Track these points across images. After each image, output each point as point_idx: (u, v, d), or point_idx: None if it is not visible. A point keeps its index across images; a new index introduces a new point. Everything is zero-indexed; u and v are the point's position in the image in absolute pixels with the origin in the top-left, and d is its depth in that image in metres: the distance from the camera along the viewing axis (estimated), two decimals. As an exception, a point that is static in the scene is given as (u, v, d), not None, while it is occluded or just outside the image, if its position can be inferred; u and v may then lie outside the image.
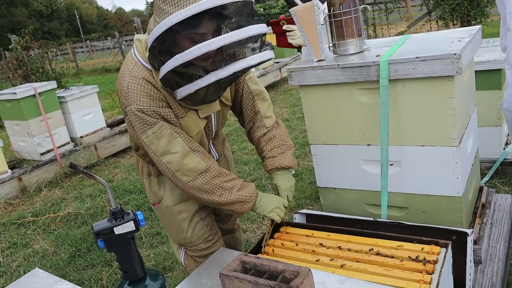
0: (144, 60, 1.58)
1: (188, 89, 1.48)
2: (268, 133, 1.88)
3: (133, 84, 1.56)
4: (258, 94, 1.89)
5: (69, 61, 15.73)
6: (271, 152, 1.86)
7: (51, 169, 5.25)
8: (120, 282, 1.11)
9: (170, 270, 3.03)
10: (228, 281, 1.30)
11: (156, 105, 1.57)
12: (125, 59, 1.69)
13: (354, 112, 1.84)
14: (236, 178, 1.72)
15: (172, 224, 1.93)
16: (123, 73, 1.61)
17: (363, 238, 1.62)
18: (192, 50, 1.37)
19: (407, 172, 1.81)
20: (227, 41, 1.38)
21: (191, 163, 1.62)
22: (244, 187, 1.72)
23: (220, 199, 1.67)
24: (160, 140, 1.59)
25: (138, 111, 1.56)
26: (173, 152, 1.60)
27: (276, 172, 1.86)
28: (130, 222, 1.03)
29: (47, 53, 9.96)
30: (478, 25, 2.08)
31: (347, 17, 1.85)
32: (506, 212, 2.18)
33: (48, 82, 5.55)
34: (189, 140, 1.64)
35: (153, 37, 1.41)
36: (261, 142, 1.89)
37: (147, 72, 1.57)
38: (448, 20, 8.51)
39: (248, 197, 1.71)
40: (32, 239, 3.90)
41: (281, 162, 1.84)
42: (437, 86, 1.64)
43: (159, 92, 1.58)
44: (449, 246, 1.48)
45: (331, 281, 1.30)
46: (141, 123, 1.58)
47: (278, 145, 1.87)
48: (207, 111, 1.72)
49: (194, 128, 1.70)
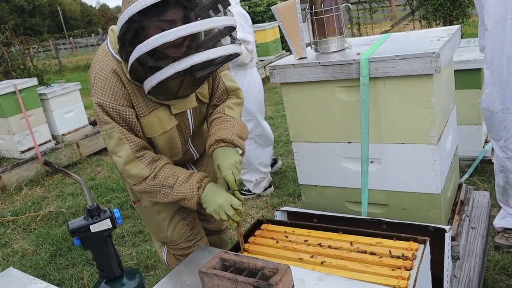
0: (115, 52, 1.54)
1: (150, 82, 1.42)
2: (223, 117, 1.73)
3: (99, 76, 1.53)
4: (234, 90, 1.82)
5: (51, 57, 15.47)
6: (218, 130, 1.67)
7: (32, 167, 5.17)
8: (97, 281, 1.10)
9: (153, 269, 3.01)
10: (207, 278, 1.29)
11: (117, 102, 1.53)
12: (100, 47, 1.65)
13: (335, 110, 1.85)
14: (181, 172, 1.61)
15: (152, 223, 1.91)
16: (94, 63, 1.58)
17: (344, 235, 1.63)
18: (150, 41, 1.32)
19: (387, 170, 1.83)
20: (187, 32, 1.31)
21: (134, 170, 1.58)
22: (187, 180, 1.59)
23: (164, 199, 1.62)
24: (110, 140, 1.58)
25: (97, 105, 1.54)
26: (119, 156, 1.58)
27: (217, 150, 1.63)
28: (106, 220, 1.01)
29: (29, 49, 9.80)
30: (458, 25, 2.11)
31: (329, 15, 1.86)
32: (484, 208, 2.22)
33: (29, 79, 5.47)
34: (137, 147, 1.58)
35: (118, 27, 1.38)
36: (212, 124, 1.73)
37: (117, 64, 1.54)
38: (431, 20, 8.62)
39: (188, 193, 1.58)
40: (12, 238, 3.84)
41: (222, 134, 1.64)
42: (416, 84, 1.66)
43: (124, 89, 1.54)
44: (427, 243, 1.50)
45: (310, 278, 1.31)
46: (98, 117, 1.57)
47: (224, 126, 1.69)
48: (180, 107, 1.66)
49: (158, 127, 1.63)
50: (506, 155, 2.40)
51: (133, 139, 1.58)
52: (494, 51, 2.25)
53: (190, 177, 1.60)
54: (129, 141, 1.57)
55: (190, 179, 1.60)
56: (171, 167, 1.63)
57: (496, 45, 2.23)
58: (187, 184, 1.58)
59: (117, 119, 1.56)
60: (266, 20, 10.60)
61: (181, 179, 1.59)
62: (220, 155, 1.62)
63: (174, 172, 1.61)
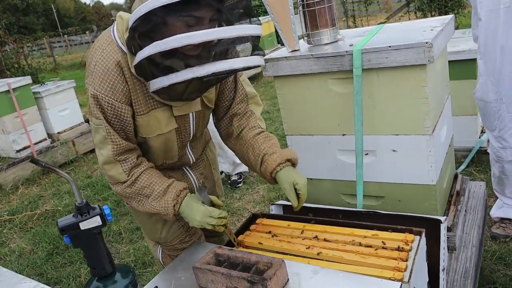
0: (122, 42, 1.42)
1: (161, 82, 1.31)
2: (264, 133, 1.68)
3: (100, 66, 1.41)
4: (253, 97, 1.74)
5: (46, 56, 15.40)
6: (272, 148, 1.62)
7: (28, 166, 5.15)
8: (89, 279, 1.09)
9: (150, 265, 3.01)
10: (201, 274, 1.29)
11: (114, 97, 1.43)
12: (102, 33, 1.52)
13: (328, 102, 1.84)
14: (159, 183, 1.53)
15: (146, 224, 1.84)
16: (96, 49, 1.45)
17: (339, 228, 1.62)
18: (172, 40, 1.21)
19: (382, 161, 1.82)
20: (212, 37, 1.23)
21: (112, 171, 1.51)
22: (163, 196, 1.52)
23: (139, 206, 1.55)
24: (96, 134, 1.50)
25: (92, 96, 1.43)
26: (101, 153, 1.51)
27: (286, 169, 1.58)
28: (96, 217, 1.00)
29: (23, 48, 9.74)
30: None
31: (320, 6, 1.84)
32: (480, 199, 2.21)
33: (23, 77, 5.44)
34: (120, 150, 1.49)
35: (135, 17, 1.26)
36: (256, 141, 1.65)
37: (121, 55, 1.42)
38: (426, 11, 8.60)
39: (163, 210, 1.52)
40: (9, 238, 3.82)
41: (289, 154, 1.60)
42: (410, 75, 1.64)
43: (125, 84, 1.43)
44: (423, 234, 1.49)
45: (305, 272, 1.30)
46: (89, 108, 1.47)
47: (276, 143, 1.66)
48: (183, 110, 1.55)
49: (156, 128, 1.53)
50: (501, 145, 2.39)
51: (118, 142, 1.49)
52: (487, 41, 2.24)
53: (166, 192, 1.53)
54: (113, 143, 1.48)
55: (165, 194, 1.52)
56: (149, 176, 1.54)
57: (489, 35, 2.22)
58: (162, 201, 1.52)
59: (109, 115, 1.46)
60: (261, 14, 10.54)
61: (157, 192, 1.52)
62: (293, 173, 1.58)
63: (151, 183, 1.53)
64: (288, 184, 1.56)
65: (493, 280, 2.29)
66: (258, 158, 1.62)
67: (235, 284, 1.22)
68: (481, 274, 2.21)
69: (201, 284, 1.30)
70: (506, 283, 2.26)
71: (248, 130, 1.68)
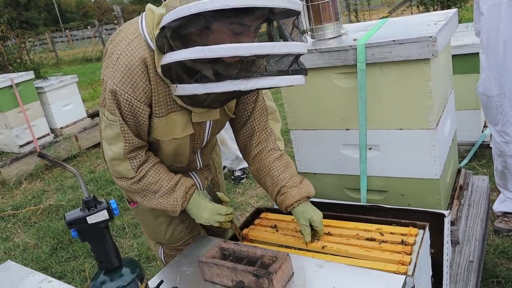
0: (150, 38, 1.32)
1: (195, 89, 1.23)
2: (282, 158, 1.63)
3: (124, 60, 1.31)
4: (272, 113, 1.68)
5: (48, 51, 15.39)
6: (291, 180, 1.58)
7: (31, 161, 5.17)
8: (96, 272, 1.10)
9: (154, 260, 3.02)
10: (207, 268, 1.30)
11: (134, 96, 1.34)
12: (128, 22, 1.42)
13: (332, 96, 1.84)
14: (166, 180, 1.50)
15: (149, 225, 1.80)
16: (120, 40, 1.35)
17: (343, 222, 1.63)
18: (220, 48, 1.13)
19: (385, 156, 1.82)
20: (265, 51, 1.17)
21: (120, 167, 1.47)
22: (171, 193, 1.50)
23: (144, 201, 1.52)
24: (108, 129, 1.42)
25: (110, 91, 1.34)
26: (110, 148, 1.45)
27: (303, 204, 1.57)
28: (103, 211, 1.01)
29: (25, 43, 9.73)
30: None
31: (324, 1, 1.84)
32: (483, 193, 2.22)
33: (26, 72, 5.45)
34: (131, 147, 1.44)
35: (177, 15, 1.15)
36: (275, 168, 1.60)
37: (148, 52, 1.32)
38: (429, 5, 8.55)
39: (171, 207, 1.51)
40: (13, 232, 3.85)
41: (308, 190, 1.58)
42: (414, 69, 1.64)
43: (147, 83, 1.35)
44: (427, 228, 1.50)
45: (310, 265, 1.31)
46: (104, 102, 1.39)
47: (295, 173, 1.62)
48: (202, 117, 1.49)
49: (171, 132, 1.47)
50: (504, 140, 2.39)
51: (131, 140, 1.43)
52: (489, 35, 2.24)
53: (174, 190, 1.51)
54: (126, 141, 1.42)
55: (174, 192, 1.51)
56: (157, 172, 1.50)
57: (492, 29, 2.21)
58: (171, 198, 1.50)
59: (126, 112, 1.38)
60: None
61: (165, 189, 1.50)
62: (310, 210, 1.57)
63: (158, 179, 1.50)
64: (304, 220, 1.54)
65: (496, 274, 2.30)
66: (276, 188, 1.59)
67: (241, 277, 1.23)
68: (484, 268, 2.21)
69: (207, 278, 1.31)
70: (509, 277, 2.27)
71: (267, 153, 1.63)
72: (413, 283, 1.28)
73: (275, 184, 1.60)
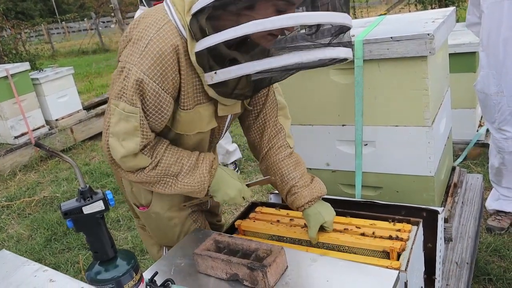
0: (182, 24, 1.24)
1: (249, 68, 1.17)
2: (292, 156, 1.57)
3: (154, 47, 1.22)
4: (282, 109, 1.63)
5: (44, 42, 15.31)
6: (302, 180, 1.54)
7: (25, 153, 5.15)
8: (91, 263, 1.10)
9: (148, 252, 3.02)
10: (201, 260, 1.30)
11: (162, 86, 1.25)
12: (150, 9, 1.34)
13: (329, 92, 1.84)
14: (186, 156, 1.39)
15: (161, 229, 1.67)
16: (149, 25, 1.25)
17: (337, 217, 1.64)
18: (282, 18, 1.08)
19: (381, 152, 1.83)
20: (325, 20, 1.15)
21: (134, 162, 1.34)
22: (195, 169, 1.39)
23: (165, 189, 1.40)
24: (122, 122, 1.29)
25: (136, 80, 1.23)
26: (121, 144, 1.31)
27: (315, 205, 1.53)
28: (99, 201, 1.01)
29: (20, 33, 9.68)
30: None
31: (323, -4, 1.84)
32: (477, 191, 2.23)
33: (21, 63, 5.42)
34: (146, 142, 1.32)
35: None
36: (285, 166, 1.55)
37: (180, 40, 1.24)
38: (427, 3, 8.58)
39: (198, 185, 1.40)
40: (7, 223, 3.84)
41: (319, 190, 1.54)
42: (411, 66, 1.65)
43: (177, 73, 1.26)
44: (420, 224, 1.51)
45: (304, 259, 1.31)
46: (124, 90, 1.26)
47: (305, 171, 1.58)
48: (227, 110, 1.43)
49: (197, 125, 1.40)
50: (504, 136, 2.40)
51: (148, 135, 1.32)
52: (490, 33, 2.24)
53: (197, 165, 1.40)
54: (143, 136, 1.30)
55: (198, 167, 1.40)
56: (173, 152, 1.39)
57: (493, 27, 2.22)
58: (196, 175, 1.39)
59: (150, 104, 1.27)
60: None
61: (187, 167, 1.38)
62: (322, 210, 1.53)
63: (178, 158, 1.38)
64: (316, 222, 1.50)
65: (487, 271, 2.32)
66: (286, 187, 1.55)
67: (235, 270, 1.23)
68: (476, 265, 2.24)
69: (201, 270, 1.32)
70: (500, 274, 2.29)
71: (276, 150, 1.57)
72: (406, 278, 1.29)
73: (285, 183, 1.55)
